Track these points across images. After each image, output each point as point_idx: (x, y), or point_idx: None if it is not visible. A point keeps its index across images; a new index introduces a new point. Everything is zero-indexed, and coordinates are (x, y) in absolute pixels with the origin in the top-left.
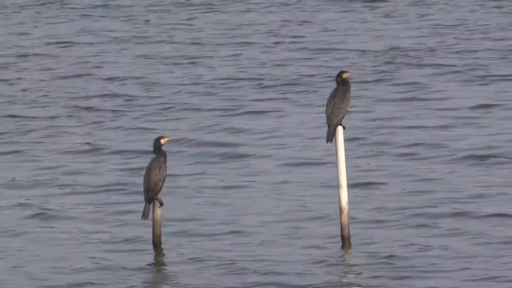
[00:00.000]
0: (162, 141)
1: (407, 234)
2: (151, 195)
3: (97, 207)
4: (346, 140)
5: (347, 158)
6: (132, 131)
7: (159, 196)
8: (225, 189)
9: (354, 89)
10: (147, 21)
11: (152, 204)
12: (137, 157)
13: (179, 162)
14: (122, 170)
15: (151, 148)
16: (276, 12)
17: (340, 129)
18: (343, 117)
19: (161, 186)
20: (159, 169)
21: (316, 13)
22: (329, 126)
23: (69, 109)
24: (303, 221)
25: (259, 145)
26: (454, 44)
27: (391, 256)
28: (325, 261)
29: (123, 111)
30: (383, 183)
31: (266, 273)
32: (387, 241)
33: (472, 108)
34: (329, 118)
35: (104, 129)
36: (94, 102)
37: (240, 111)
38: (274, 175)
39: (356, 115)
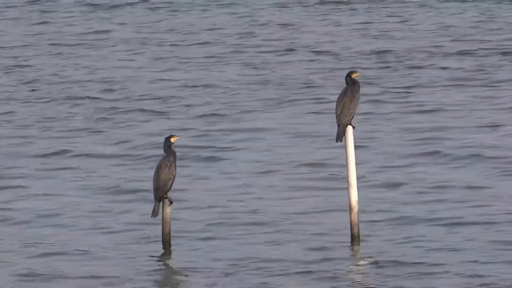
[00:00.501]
0: (172, 140)
1: (411, 234)
2: (161, 194)
3: (101, 208)
4: (337, 145)
5: (337, 161)
6: (122, 133)
7: (168, 194)
8: (224, 190)
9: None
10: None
11: (161, 202)
12: (133, 159)
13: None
14: (117, 170)
15: (139, 151)
16: (272, 14)
17: (349, 129)
18: (352, 117)
19: (171, 185)
20: (169, 168)
21: (311, 14)
22: (338, 126)
23: (64, 109)
24: (305, 220)
25: (257, 145)
26: (449, 46)
27: (395, 256)
28: (330, 261)
29: (112, 112)
30: (381, 185)
31: (270, 275)
32: (390, 241)
33: (471, 111)
34: (338, 118)
35: (96, 131)
36: (87, 103)
37: (232, 112)
38: (272, 175)
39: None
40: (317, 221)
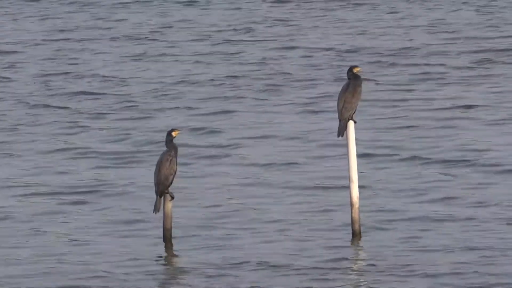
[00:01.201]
0: (173, 134)
1: (404, 236)
2: (162, 188)
3: (99, 205)
4: (336, 142)
5: (336, 160)
6: (111, 130)
7: (169, 189)
8: (223, 189)
9: (337, 89)
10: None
11: (163, 197)
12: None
13: None
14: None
15: (127, 149)
16: (261, 9)
17: (351, 124)
18: (354, 112)
19: (172, 180)
20: (170, 162)
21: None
22: (340, 121)
23: (50, 107)
24: (305, 219)
25: (255, 145)
26: (436, 45)
27: (392, 258)
28: (327, 259)
29: (99, 110)
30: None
31: (268, 274)
32: (388, 242)
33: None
34: (340, 113)
35: (84, 128)
36: (74, 101)
37: (222, 110)
38: (271, 173)
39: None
40: (316, 219)
